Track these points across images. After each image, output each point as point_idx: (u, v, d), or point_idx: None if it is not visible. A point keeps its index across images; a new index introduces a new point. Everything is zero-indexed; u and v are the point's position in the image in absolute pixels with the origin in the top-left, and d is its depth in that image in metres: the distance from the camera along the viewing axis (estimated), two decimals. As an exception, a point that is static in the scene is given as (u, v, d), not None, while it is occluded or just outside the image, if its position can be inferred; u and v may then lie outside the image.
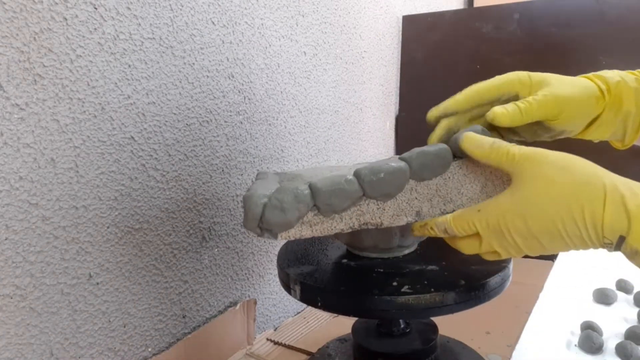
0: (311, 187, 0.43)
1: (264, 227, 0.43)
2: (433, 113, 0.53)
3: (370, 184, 0.42)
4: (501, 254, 0.40)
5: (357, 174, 0.43)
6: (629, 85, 0.49)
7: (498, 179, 0.44)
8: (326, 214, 0.43)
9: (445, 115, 0.52)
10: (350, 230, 0.44)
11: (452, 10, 1.19)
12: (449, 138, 0.49)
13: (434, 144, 0.45)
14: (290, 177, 0.54)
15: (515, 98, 0.49)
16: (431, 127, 0.53)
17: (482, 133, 0.45)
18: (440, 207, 0.45)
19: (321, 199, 0.42)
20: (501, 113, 0.46)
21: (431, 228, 0.44)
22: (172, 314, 0.65)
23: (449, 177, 0.45)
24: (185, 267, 0.66)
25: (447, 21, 1.14)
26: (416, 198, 0.44)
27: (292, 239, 0.43)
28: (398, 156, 0.65)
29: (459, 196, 0.45)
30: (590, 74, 0.51)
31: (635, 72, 0.51)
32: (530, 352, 0.66)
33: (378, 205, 0.44)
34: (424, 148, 0.44)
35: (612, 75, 0.50)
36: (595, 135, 0.52)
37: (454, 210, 0.45)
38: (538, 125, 0.49)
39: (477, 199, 0.45)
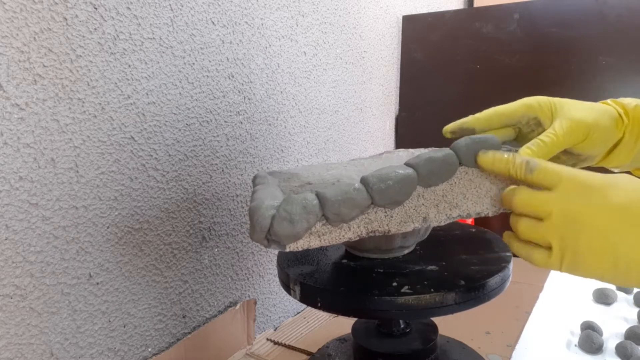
0: (319, 196, 0.42)
1: (271, 238, 0.42)
2: (449, 128, 0.52)
3: (380, 192, 0.42)
4: (554, 253, 0.38)
5: (365, 182, 0.42)
6: None
7: (502, 182, 0.45)
8: (335, 223, 0.42)
9: (461, 131, 0.51)
10: (358, 238, 0.44)
11: (452, 10, 1.19)
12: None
13: (440, 149, 0.45)
14: (287, 177, 0.54)
15: (535, 121, 0.49)
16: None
17: (497, 145, 0.45)
18: (446, 213, 0.45)
19: (330, 208, 0.41)
20: (526, 155, 0.44)
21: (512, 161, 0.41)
22: (172, 314, 0.65)
23: (455, 183, 0.45)
24: (185, 267, 0.66)
25: (447, 21, 1.14)
26: (423, 204, 0.44)
27: (300, 249, 0.42)
28: (389, 150, 0.65)
29: (465, 201, 0.45)
30: (607, 100, 0.51)
31: None
32: (530, 352, 0.66)
33: (386, 212, 0.44)
34: (431, 154, 0.44)
35: (629, 101, 0.50)
36: (616, 161, 0.51)
37: (459, 216, 0.45)
38: (562, 152, 0.49)
39: (482, 202, 0.45)
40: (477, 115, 0.51)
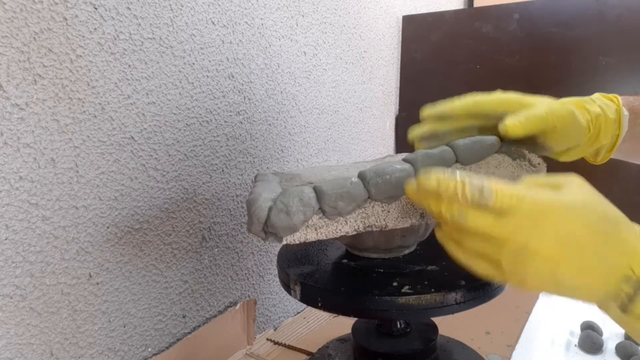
0: (316, 190, 0.42)
1: (269, 230, 0.42)
2: (428, 112, 0.53)
3: (376, 186, 0.42)
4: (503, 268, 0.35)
5: (362, 176, 0.43)
6: (608, 117, 0.50)
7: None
8: (331, 217, 0.43)
9: (438, 116, 0.52)
10: (354, 232, 0.44)
11: (452, 10, 1.19)
12: (430, 138, 0.52)
13: (438, 147, 0.45)
14: (289, 177, 0.54)
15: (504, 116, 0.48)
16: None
17: (496, 144, 0.45)
18: None
19: (327, 201, 0.42)
20: (513, 125, 0.45)
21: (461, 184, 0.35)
22: (172, 314, 0.65)
23: None
24: (185, 267, 0.66)
25: (447, 21, 1.14)
26: None
27: (297, 242, 0.43)
28: (391, 154, 0.65)
29: None
30: (572, 101, 0.50)
31: (612, 97, 0.52)
32: (530, 352, 0.66)
33: (383, 207, 0.44)
34: (428, 150, 0.44)
35: (594, 108, 0.50)
36: (567, 158, 0.52)
37: None
38: (529, 140, 0.49)
39: None
40: (455, 102, 0.51)
